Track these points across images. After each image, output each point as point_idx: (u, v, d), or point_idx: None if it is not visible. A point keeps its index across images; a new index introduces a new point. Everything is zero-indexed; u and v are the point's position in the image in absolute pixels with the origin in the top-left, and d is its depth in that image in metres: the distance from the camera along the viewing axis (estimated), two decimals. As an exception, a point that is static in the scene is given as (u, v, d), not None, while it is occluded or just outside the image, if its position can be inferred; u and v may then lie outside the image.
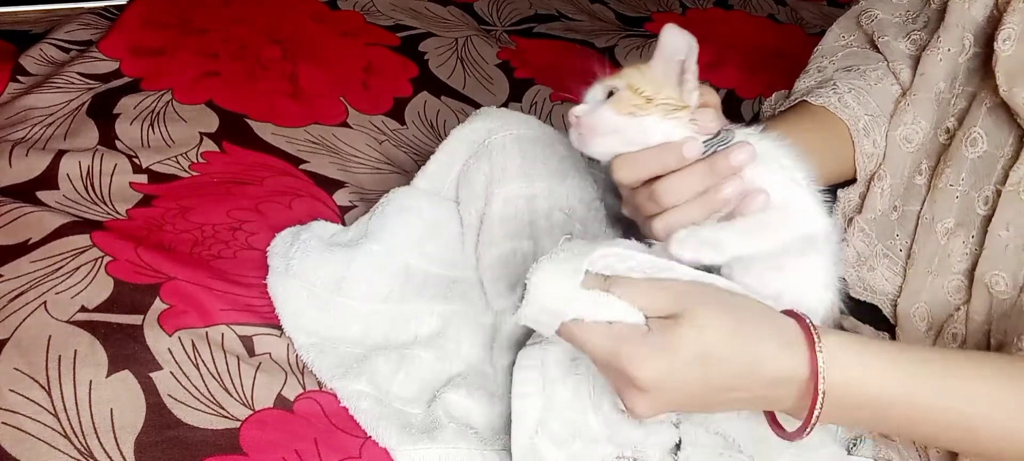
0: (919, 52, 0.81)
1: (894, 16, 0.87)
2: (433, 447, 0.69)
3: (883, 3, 0.88)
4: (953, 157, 0.76)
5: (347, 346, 0.77)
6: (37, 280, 0.76)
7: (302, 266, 0.80)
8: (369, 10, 1.33)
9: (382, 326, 0.79)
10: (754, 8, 1.61)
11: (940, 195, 0.76)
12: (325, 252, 0.81)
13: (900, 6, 0.87)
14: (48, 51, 1.11)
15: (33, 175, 0.90)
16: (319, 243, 0.82)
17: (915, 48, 0.83)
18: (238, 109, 1.05)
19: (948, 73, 0.78)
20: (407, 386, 0.75)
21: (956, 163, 0.75)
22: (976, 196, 0.73)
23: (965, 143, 0.75)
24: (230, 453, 0.67)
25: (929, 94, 0.80)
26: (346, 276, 0.79)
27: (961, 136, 0.75)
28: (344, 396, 0.73)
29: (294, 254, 0.81)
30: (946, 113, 0.78)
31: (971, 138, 0.74)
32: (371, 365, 0.75)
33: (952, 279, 0.74)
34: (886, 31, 0.85)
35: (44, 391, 0.67)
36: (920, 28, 0.83)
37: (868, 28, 0.87)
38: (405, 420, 0.72)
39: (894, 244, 0.80)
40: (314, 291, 0.79)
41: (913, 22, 0.85)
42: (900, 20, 0.86)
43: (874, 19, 0.87)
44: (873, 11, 0.88)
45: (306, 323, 0.77)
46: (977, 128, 0.74)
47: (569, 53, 1.36)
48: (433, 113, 1.16)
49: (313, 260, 0.80)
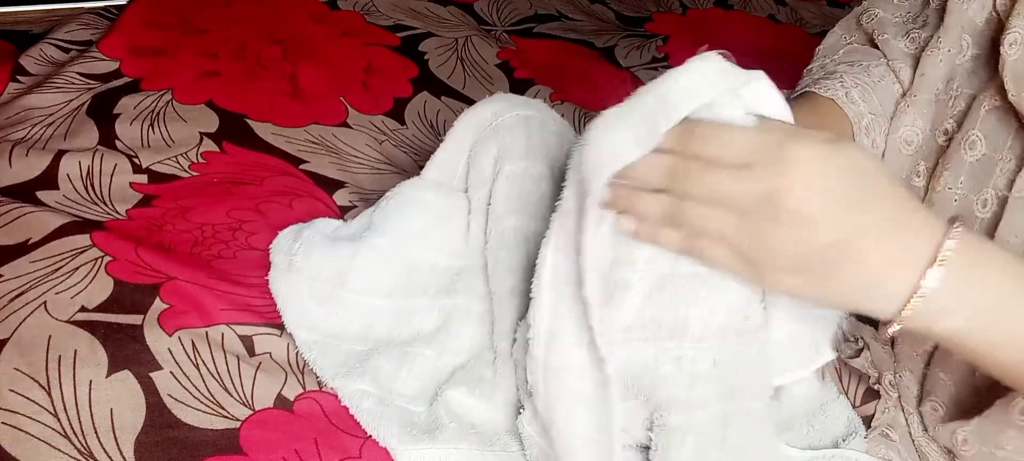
0: (919, 51, 0.81)
1: (894, 16, 0.86)
2: (434, 447, 0.69)
3: (884, 3, 0.88)
4: (951, 160, 0.75)
5: (349, 343, 0.77)
6: (37, 280, 0.76)
7: (305, 261, 0.79)
8: (369, 10, 1.33)
9: (385, 322, 0.79)
10: (754, 8, 1.61)
11: (938, 198, 0.75)
12: (328, 247, 0.81)
13: (901, 6, 0.87)
14: (48, 51, 1.11)
15: (33, 175, 0.89)
16: (322, 239, 0.82)
17: (915, 47, 0.82)
18: (238, 109, 1.05)
19: (946, 74, 0.78)
20: (409, 384, 0.75)
21: (954, 166, 0.75)
22: (975, 199, 0.73)
23: (964, 146, 0.74)
24: (230, 453, 0.67)
25: (929, 95, 0.79)
26: (349, 270, 0.79)
27: (959, 138, 0.75)
28: (346, 396, 0.73)
29: (297, 250, 0.80)
30: (944, 114, 0.78)
31: (970, 141, 0.74)
32: (373, 363, 0.75)
33: None
34: (886, 29, 0.85)
35: (44, 391, 0.67)
36: (920, 27, 0.83)
37: (868, 27, 0.87)
38: (407, 419, 0.72)
39: None
40: (317, 286, 0.79)
41: (913, 21, 0.84)
42: (900, 19, 0.86)
43: (874, 18, 0.87)
44: (873, 10, 0.88)
45: (308, 320, 0.77)
46: (975, 131, 0.74)
47: (569, 53, 1.36)
48: (433, 113, 1.16)
49: (317, 255, 0.80)
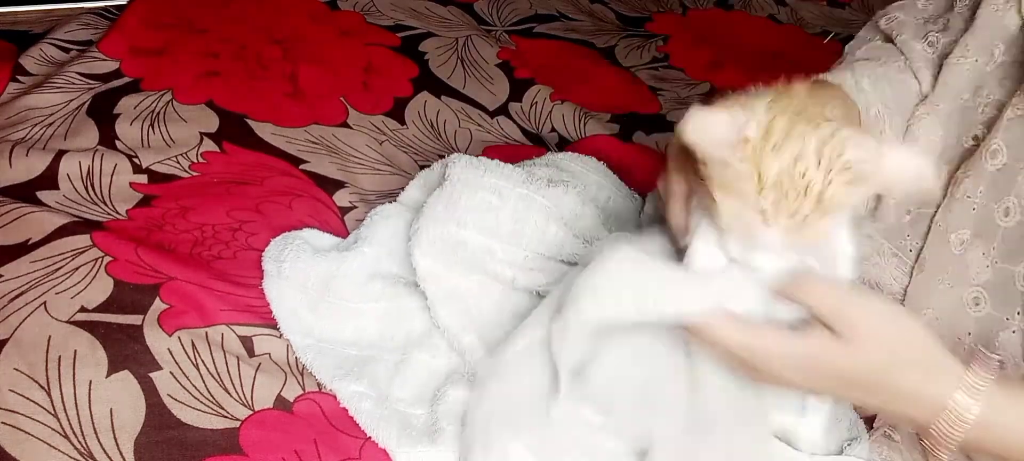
0: (936, 55, 0.80)
1: (915, 18, 0.86)
2: (432, 449, 0.69)
3: (907, 7, 0.87)
4: (973, 167, 0.73)
5: (342, 347, 0.78)
6: (37, 280, 0.76)
7: (293, 269, 0.81)
8: (369, 10, 1.33)
9: (376, 325, 0.80)
10: (754, 9, 1.60)
11: (957, 205, 0.74)
12: (317, 255, 0.82)
13: (925, 10, 0.86)
14: (48, 51, 1.11)
15: (33, 175, 0.89)
16: (310, 248, 0.83)
17: (933, 51, 0.81)
18: (238, 109, 1.05)
19: (973, 82, 0.77)
20: (405, 389, 0.76)
21: (976, 174, 0.73)
22: (996, 208, 0.71)
23: (986, 154, 0.73)
24: (230, 453, 0.67)
25: (951, 105, 0.78)
26: (336, 275, 0.80)
27: (984, 146, 0.73)
28: (344, 397, 0.73)
29: (286, 257, 0.81)
30: (975, 120, 0.76)
31: (992, 150, 0.73)
32: (370, 369, 0.76)
33: (971, 291, 0.72)
34: (904, 31, 0.84)
35: (44, 391, 0.67)
36: (939, 30, 0.82)
37: (887, 28, 0.86)
38: (406, 421, 0.72)
39: (904, 244, 0.78)
40: (306, 292, 0.80)
41: (933, 23, 0.83)
42: (919, 22, 0.85)
43: (893, 20, 0.86)
44: (894, 13, 0.87)
45: (301, 325, 0.78)
46: (998, 139, 0.72)
47: (569, 53, 1.36)
48: (433, 113, 1.16)
49: (304, 262, 0.81)
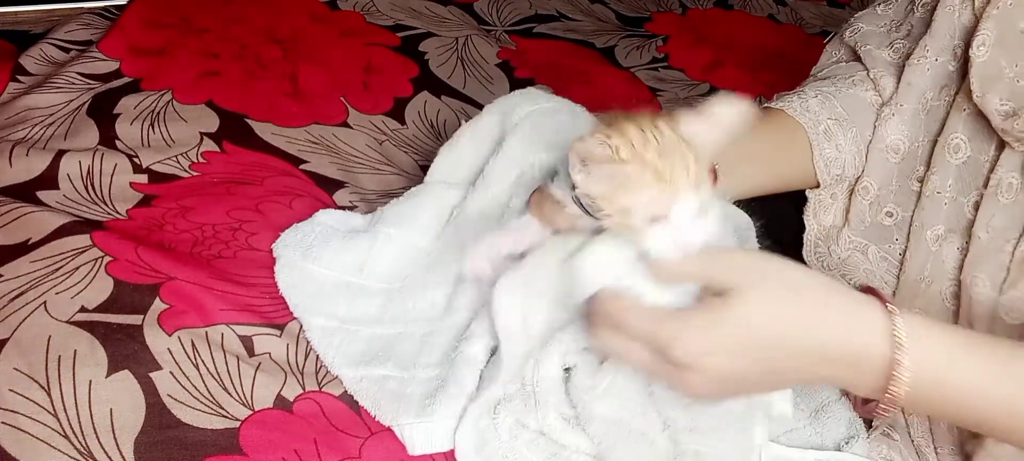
0: (902, 60, 0.81)
1: (879, 27, 0.87)
2: (451, 405, 0.70)
3: (868, 17, 0.89)
4: (938, 163, 0.75)
5: (370, 327, 0.78)
6: (37, 280, 0.76)
7: (322, 251, 0.81)
8: (369, 10, 1.33)
9: (401, 301, 0.80)
10: (754, 8, 1.61)
11: (928, 202, 0.76)
12: (344, 239, 0.83)
13: (884, 17, 0.87)
14: (48, 51, 1.11)
15: (33, 175, 0.89)
16: (334, 232, 0.84)
17: (898, 57, 0.83)
18: (238, 109, 1.05)
19: (935, 81, 0.78)
20: (430, 360, 0.75)
21: (941, 169, 0.75)
22: (965, 202, 0.73)
23: (947, 149, 0.74)
24: (230, 453, 0.67)
25: (915, 104, 0.79)
26: (367, 260, 0.81)
27: (942, 142, 0.75)
28: (370, 380, 0.73)
29: (313, 243, 0.82)
30: (940, 119, 0.78)
31: (953, 145, 0.74)
32: (398, 349, 0.76)
33: (948, 285, 0.73)
34: (869, 41, 0.85)
35: (44, 391, 0.67)
36: (903, 37, 0.83)
37: (851, 40, 0.88)
38: (429, 390, 0.72)
39: (892, 249, 0.80)
40: (338, 274, 0.80)
41: (896, 30, 0.85)
42: (883, 30, 0.86)
43: (858, 32, 0.88)
44: (858, 24, 0.88)
45: (326, 307, 0.78)
46: (957, 134, 0.74)
47: (569, 53, 1.36)
48: (433, 113, 1.16)
49: (334, 246, 0.82)
